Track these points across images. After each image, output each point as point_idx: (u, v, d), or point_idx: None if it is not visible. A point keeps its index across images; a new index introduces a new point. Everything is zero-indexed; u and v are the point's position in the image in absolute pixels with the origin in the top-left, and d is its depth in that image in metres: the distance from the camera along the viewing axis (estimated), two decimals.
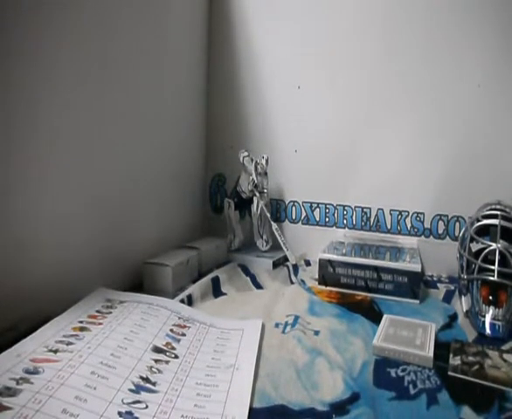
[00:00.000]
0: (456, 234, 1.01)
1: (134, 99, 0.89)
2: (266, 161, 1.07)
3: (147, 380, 0.53)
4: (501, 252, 0.75)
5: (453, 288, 0.92)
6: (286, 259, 1.07)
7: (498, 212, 0.80)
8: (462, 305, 0.80)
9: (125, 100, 0.86)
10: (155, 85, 0.97)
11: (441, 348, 0.64)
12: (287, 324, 0.73)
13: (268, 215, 1.08)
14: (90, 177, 0.78)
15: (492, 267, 0.74)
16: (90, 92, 0.77)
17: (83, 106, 0.76)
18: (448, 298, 0.88)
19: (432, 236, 1.05)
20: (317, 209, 1.15)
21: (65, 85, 0.72)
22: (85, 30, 0.75)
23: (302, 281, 0.96)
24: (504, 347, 0.67)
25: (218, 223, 1.20)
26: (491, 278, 0.74)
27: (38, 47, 0.66)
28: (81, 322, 0.64)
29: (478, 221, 0.83)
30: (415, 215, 1.06)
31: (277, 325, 0.73)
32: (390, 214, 1.08)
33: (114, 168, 0.85)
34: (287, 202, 1.17)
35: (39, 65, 0.66)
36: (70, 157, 0.74)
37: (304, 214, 1.16)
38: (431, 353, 0.61)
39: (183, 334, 0.66)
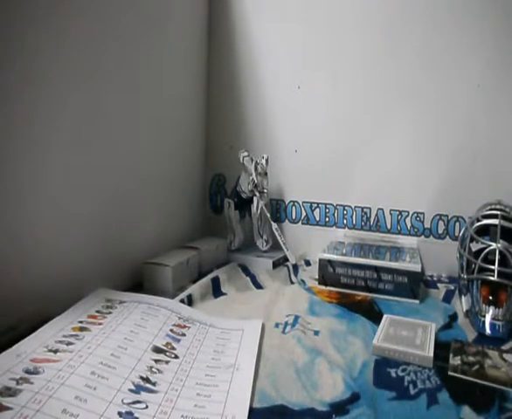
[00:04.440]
0: (456, 234, 1.01)
1: (133, 99, 0.89)
2: (266, 161, 1.07)
3: (147, 380, 0.53)
4: (501, 252, 0.75)
5: (453, 288, 0.92)
6: (286, 259, 1.07)
7: (498, 212, 0.80)
8: (462, 305, 0.80)
9: (124, 101, 0.86)
10: (155, 85, 0.97)
11: (441, 348, 0.64)
12: (286, 324, 0.73)
13: (268, 215, 1.08)
14: (90, 177, 0.78)
15: (492, 267, 0.74)
16: (89, 93, 0.77)
17: (82, 107, 0.76)
18: (448, 298, 0.88)
19: (432, 236, 1.05)
20: (317, 209, 1.15)
21: (65, 85, 0.72)
22: (85, 30, 0.75)
23: (302, 281, 0.96)
24: (504, 347, 0.67)
25: (218, 223, 1.20)
26: (491, 278, 0.74)
27: (39, 48, 0.66)
28: (81, 322, 0.64)
29: (478, 221, 0.83)
30: (415, 215, 1.06)
31: (277, 325, 0.73)
32: (391, 214, 1.08)
33: (113, 168, 0.85)
34: (287, 202, 1.17)
35: (41, 66, 0.66)
36: (69, 157, 0.74)
37: (304, 214, 1.16)
38: (431, 353, 0.61)
39: (183, 334, 0.66)
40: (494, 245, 0.76)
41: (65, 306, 0.67)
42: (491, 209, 0.83)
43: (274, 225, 1.07)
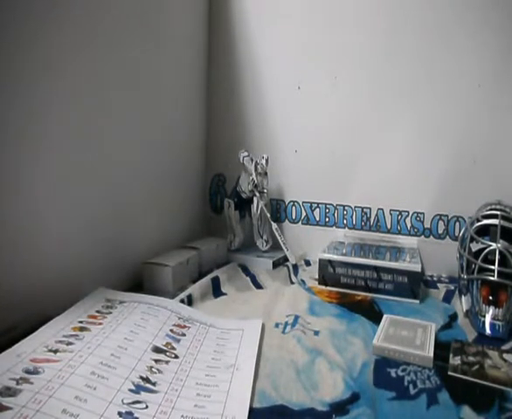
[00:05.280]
0: (456, 234, 1.01)
1: (134, 100, 0.89)
2: (266, 161, 1.07)
3: (147, 380, 0.53)
4: (501, 252, 0.75)
5: (453, 288, 0.92)
6: (286, 259, 1.07)
7: (498, 212, 0.80)
8: (462, 305, 0.80)
9: (125, 102, 0.86)
10: (155, 86, 0.97)
11: (441, 348, 0.64)
12: (287, 324, 0.73)
13: (268, 215, 1.08)
14: (90, 177, 0.78)
15: (492, 267, 0.74)
16: (89, 93, 0.77)
17: (83, 107, 0.76)
18: (448, 298, 0.88)
19: (432, 236, 1.05)
20: (317, 209, 1.15)
21: (64, 85, 0.72)
22: (85, 33, 0.75)
23: (302, 281, 0.96)
24: (504, 347, 0.67)
25: (218, 223, 1.20)
26: (491, 278, 0.74)
27: (38, 48, 0.66)
28: (81, 322, 0.64)
29: (478, 221, 0.83)
30: (415, 215, 1.06)
31: (277, 325, 0.73)
32: (390, 214, 1.08)
33: (114, 168, 0.85)
34: (287, 202, 1.17)
35: (39, 65, 0.66)
36: (69, 157, 0.74)
37: (304, 214, 1.16)
38: (431, 353, 0.61)
39: (183, 334, 0.66)
40: (494, 245, 0.76)
41: (65, 306, 0.67)
42: (491, 209, 0.83)
43: (274, 225, 1.07)
